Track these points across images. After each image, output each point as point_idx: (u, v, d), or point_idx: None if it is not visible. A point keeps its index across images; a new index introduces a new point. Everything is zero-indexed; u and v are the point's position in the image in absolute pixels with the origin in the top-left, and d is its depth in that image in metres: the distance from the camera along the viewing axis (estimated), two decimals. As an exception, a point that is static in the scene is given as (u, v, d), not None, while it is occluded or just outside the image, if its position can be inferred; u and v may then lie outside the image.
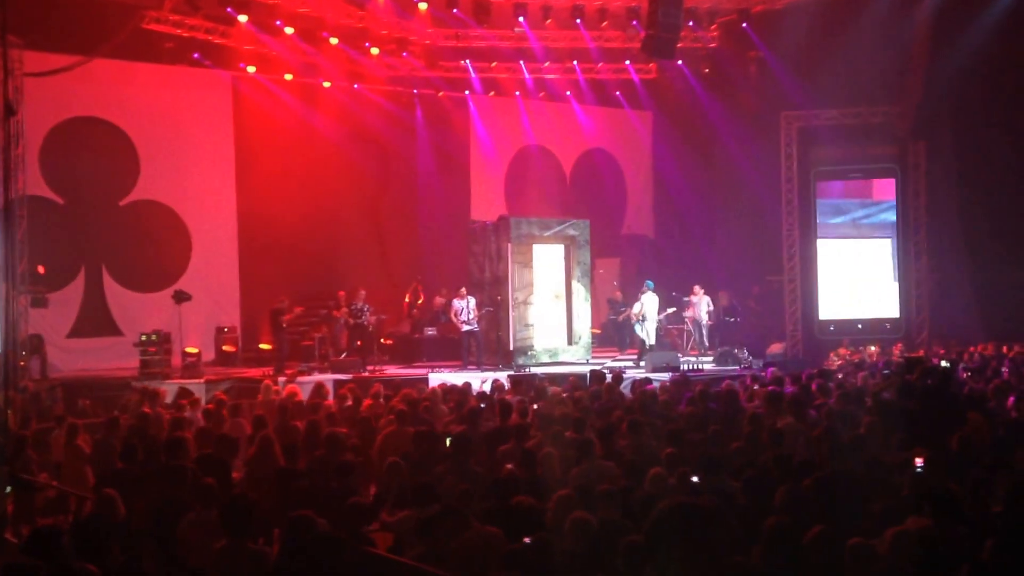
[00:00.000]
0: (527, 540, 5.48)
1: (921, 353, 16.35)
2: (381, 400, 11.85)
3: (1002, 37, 18.51)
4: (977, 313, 20.35)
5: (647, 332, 18.64)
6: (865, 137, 21.04)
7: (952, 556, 5.20)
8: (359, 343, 18.45)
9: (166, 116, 19.64)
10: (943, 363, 13.36)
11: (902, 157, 21.09)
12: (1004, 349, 17.04)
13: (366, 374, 16.66)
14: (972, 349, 17.35)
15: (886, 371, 14.00)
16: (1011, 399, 10.34)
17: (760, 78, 22.04)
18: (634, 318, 18.87)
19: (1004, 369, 14.57)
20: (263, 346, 19.74)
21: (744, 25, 20.93)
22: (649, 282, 19.23)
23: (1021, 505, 5.68)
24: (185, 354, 17.29)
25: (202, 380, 16.21)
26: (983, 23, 18.82)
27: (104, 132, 19.28)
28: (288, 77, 20.98)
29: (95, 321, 18.92)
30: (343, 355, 18.24)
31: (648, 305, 18.68)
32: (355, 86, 21.97)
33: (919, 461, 7.13)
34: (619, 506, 6.18)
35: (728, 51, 22.11)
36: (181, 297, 17.77)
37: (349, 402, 11.98)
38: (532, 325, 18.37)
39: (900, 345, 19.43)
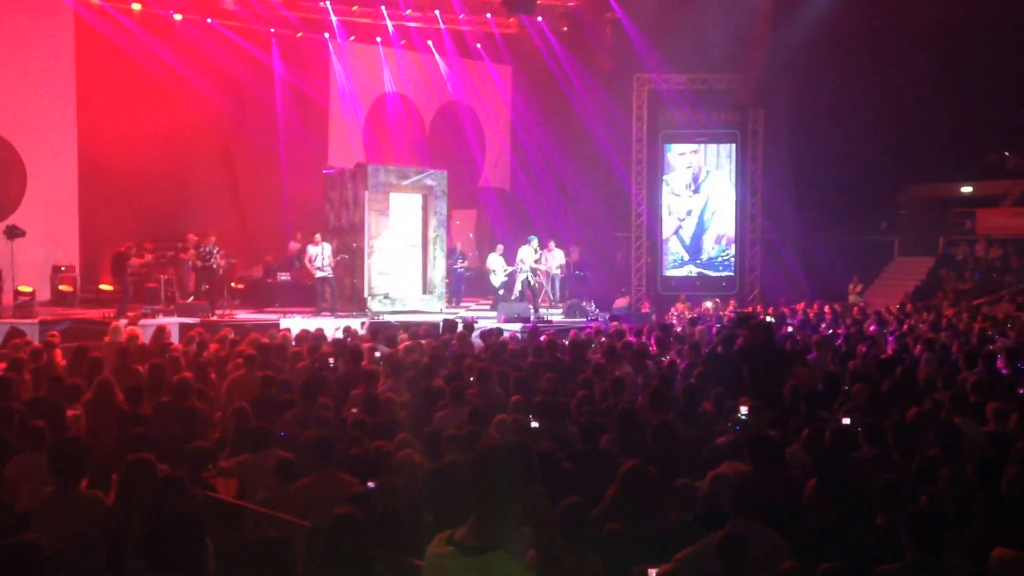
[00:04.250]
0: (371, 484, 5.65)
1: (750, 309, 17.33)
2: (228, 345, 11.69)
3: (839, 12, 19.58)
4: (804, 273, 21.75)
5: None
6: (710, 103, 21.94)
7: (770, 497, 5.62)
8: (207, 287, 17.99)
9: (0, 41, 18.44)
10: (769, 319, 14.23)
11: (743, 124, 22.12)
12: (827, 308, 18.30)
13: (215, 318, 16.30)
14: (797, 306, 18.58)
15: (719, 325, 14.83)
16: (829, 353, 11.21)
17: (615, 40, 22.54)
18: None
19: (824, 324, 15.73)
20: (104, 287, 18.98)
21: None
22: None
23: (842, 449, 6.19)
24: (17, 293, 16.48)
25: (35, 320, 15.45)
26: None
27: (-70, 55, 17.99)
28: (136, 7, 20.00)
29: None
30: (190, 298, 17.76)
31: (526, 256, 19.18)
32: (208, 21, 21.12)
33: (744, 409, 7.64)
34: (464, 450, 6.40)
35: (586, 11, 22.45)
36: (14, 233, 16.89)
37: (194, 347, 11.74)
38: (387, 273, 18.42)
39: (733, 301, 20.52)
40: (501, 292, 19.30)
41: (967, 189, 26.64)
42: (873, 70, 22.49)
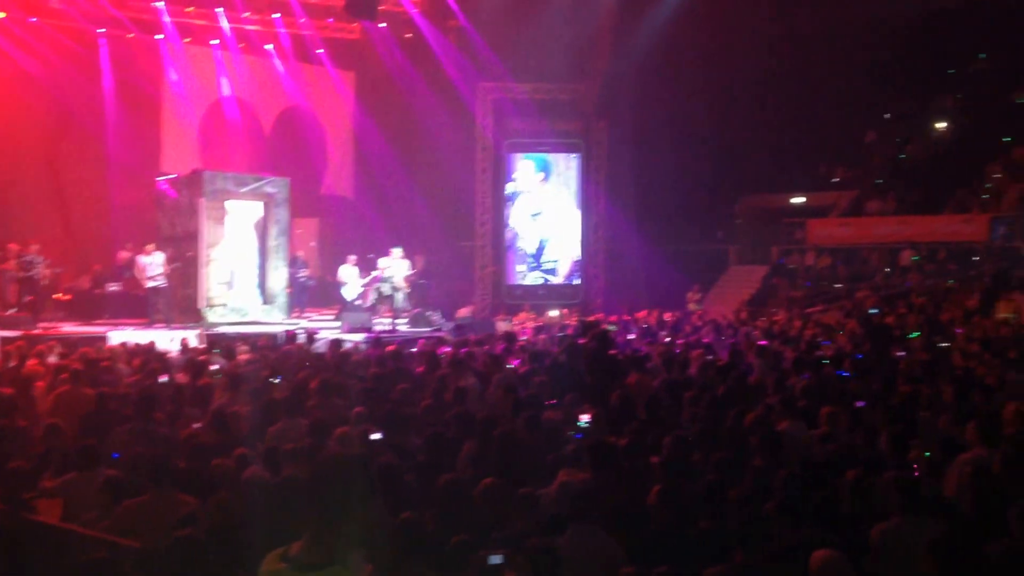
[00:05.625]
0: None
1: (593, 318, 17.74)
2: (52, 359, 11.06)
3: (680, 23, 20.35)
4: (645, 281, 22.39)
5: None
6: (554, 112, 22.35)
7: (609, 503, 5.72)
8: (30, 298, 17.02)
9: None
10: (611, 327, 14.60)
11: (586, 134, 22.63)
12: (667, 316, 18.91)
13: (38, 331, 15.41)
14: (638, 315, 19.12)
15: (561, 334, 15.10)
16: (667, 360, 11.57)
17: (459, 48, 22.66)
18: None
19: (663, 332, 16.25)
20: (-88, 300, 17.65)
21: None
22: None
23: (680, 455, 6.38)
24: None
25: None
26: (664, 8, 20.59)
27: None
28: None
29: None
30: (11, 311, 16.75)
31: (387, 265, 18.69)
32: (32, 20, 19.95)
33: (585, 417, 7.77)
34: (305, 464, 6.26)
35: (430, 18, 22.48)
36: None
37: (14, 361, 11.04)
38: (225, 283, 17.83)
39: (578, 310, 20.95)
40: (357, 302, 19.00)
41: (798, 200, 27.86)
42: (710, 83, 23.47)
